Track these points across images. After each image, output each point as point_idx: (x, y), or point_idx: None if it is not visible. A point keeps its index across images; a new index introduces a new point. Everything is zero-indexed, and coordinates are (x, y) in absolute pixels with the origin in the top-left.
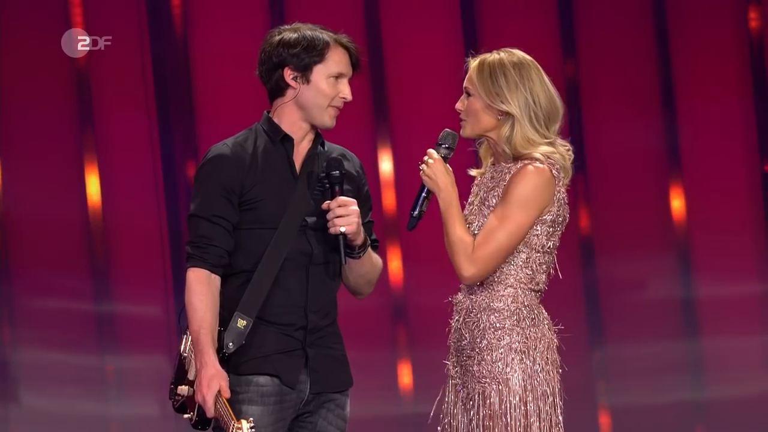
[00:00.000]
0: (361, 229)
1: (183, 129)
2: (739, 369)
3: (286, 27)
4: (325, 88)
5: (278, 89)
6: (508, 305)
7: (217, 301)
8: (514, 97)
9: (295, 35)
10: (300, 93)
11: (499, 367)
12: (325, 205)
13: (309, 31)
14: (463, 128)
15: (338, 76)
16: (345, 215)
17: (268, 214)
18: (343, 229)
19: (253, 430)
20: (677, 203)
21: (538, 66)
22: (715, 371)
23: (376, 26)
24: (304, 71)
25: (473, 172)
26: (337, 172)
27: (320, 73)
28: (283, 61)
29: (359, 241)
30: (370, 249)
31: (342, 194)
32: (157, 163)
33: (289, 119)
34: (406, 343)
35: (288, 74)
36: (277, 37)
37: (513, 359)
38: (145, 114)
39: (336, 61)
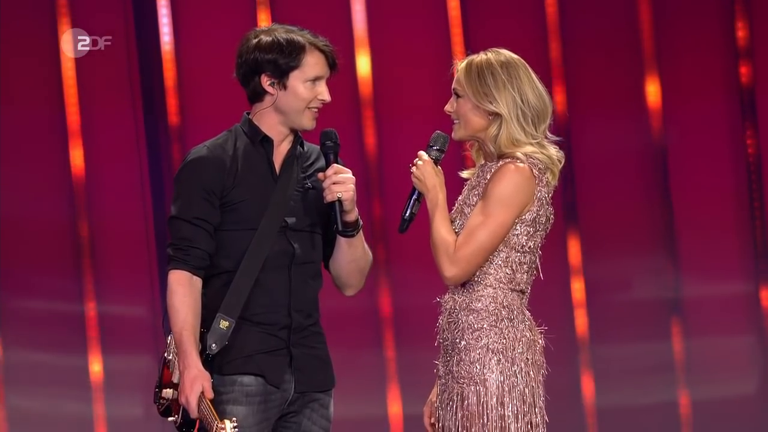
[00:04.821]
0: (355, 206)
1: (169, 130)
2: (726, 369)
3: (262, 29)
4: (302, 93)
5: (256, 95)
6: (486, 306)
7: (199, 302)
8: (502, 97)
9: (270, 39)
10: (278, 99)
11: (476, 367)
12: (320, 175)
13: (284, 34)
14: (456, 130)
15: (315, 80)
16: (341, 182)
17: (249, 215)
18: (339, 195)
19: (236, 429)
20: (663, 203)
21: (527, 65)
22: (701, 372)
23: (362, 27)
24: (281, 77)
25: (465, 173)
26: (331, 142)
27: (297, 79)
28: (259, 67)
29: (354, 215)
30: (361, 235)
31: (337, 163)
32: (144, 164)
33: (269, 123)
34: (393, 344)
35: (265, 80)
36: (253, 41)
37: (491, 360)
38: (132, 115)
39: (312, 65)
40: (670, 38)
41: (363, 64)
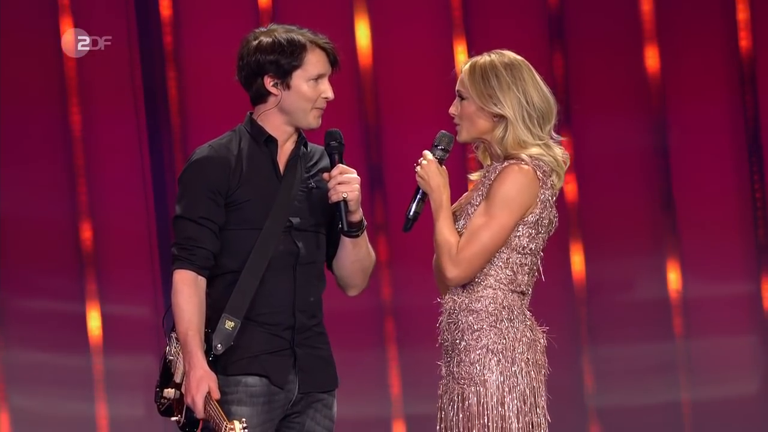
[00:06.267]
0: (360, 206)
1: (172, 130)
2: (728, 369)
3: (262, 30)
4: (306, 92)
5: (260, 96)
6: (486, 306)
7: (204, 302)
8: (506, 99)
9: (270, 40)
10: (282, 99)
11: (476, 368)
12: (326, 176)
13: (284, 34)
14: (459, 133)
15: (318, 78)
16: (347, 182)
17: (254, 215)
18: (345, 195)
19: (246, 430)
20: (665, 203)
21: (530, 66)
22: (703, 372)
23: (365, 28)
24: (284, 78)
25: (473, 176)
26: (336, 142)
27: (300, 78)
28: (261, 69)
29: (358, 215)
30: (365, 235)
31: (341, 163)
32: (146, 164)
33: (273, 123)
34: (395, 344)
35: (268, 82)
36: (254, 43)
37: (491, 360)
38: (134, 114)
39: (314, 63)
40: (674, 37)
41: (365, 60)
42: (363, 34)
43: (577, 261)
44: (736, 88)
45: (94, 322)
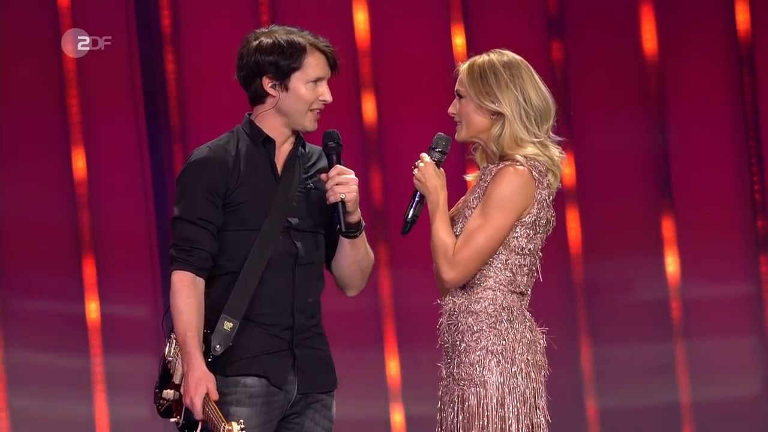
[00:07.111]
0: (358, 207)
1: (172, 130)
2: (728, 370)
3: (262, 31)
4: (304, 94)
5: (258, 97)
6: (485, 308)
7: (202, 303)
8: (504, 97)
9: (270, 41)
10: (280, 101)
11: (476, 369)
12: (323, 176)
13: (285, 35)
14: (458, 132)
15: (317, 80)
16: (344, 183)
17: (252, 216)
18: (342, 196)
19: (243, 431)
20: (665, 204)
21: (530, 66)
22: (703, 373)
23: (364, 29)
24: (283, 79)
25: (469, 177)
26: (334, 143)
27: (299, 80)
28: (260, 69)
29: (356, 216)
30: (364, 236)
31: (339, 164)
32: (146, 164)
33: (271, 124)
34: (395, 344)
35: (266, 83)
36: (254, 43)
37: (490, 361)
38: (134, 114)
39: (313, 66)
40: (675, 38)
41: (364, 57)
42: (362, 28)
43: (576, 260)
44: (736, 89)
45: (94, 322)
